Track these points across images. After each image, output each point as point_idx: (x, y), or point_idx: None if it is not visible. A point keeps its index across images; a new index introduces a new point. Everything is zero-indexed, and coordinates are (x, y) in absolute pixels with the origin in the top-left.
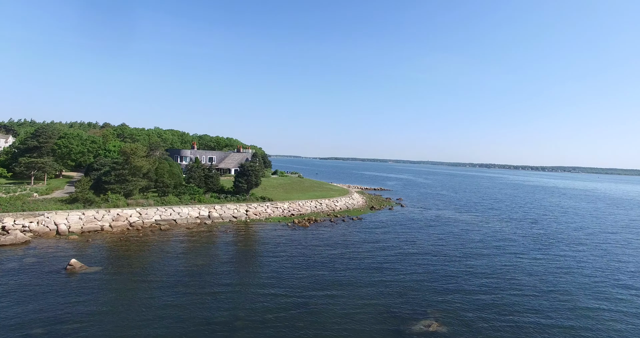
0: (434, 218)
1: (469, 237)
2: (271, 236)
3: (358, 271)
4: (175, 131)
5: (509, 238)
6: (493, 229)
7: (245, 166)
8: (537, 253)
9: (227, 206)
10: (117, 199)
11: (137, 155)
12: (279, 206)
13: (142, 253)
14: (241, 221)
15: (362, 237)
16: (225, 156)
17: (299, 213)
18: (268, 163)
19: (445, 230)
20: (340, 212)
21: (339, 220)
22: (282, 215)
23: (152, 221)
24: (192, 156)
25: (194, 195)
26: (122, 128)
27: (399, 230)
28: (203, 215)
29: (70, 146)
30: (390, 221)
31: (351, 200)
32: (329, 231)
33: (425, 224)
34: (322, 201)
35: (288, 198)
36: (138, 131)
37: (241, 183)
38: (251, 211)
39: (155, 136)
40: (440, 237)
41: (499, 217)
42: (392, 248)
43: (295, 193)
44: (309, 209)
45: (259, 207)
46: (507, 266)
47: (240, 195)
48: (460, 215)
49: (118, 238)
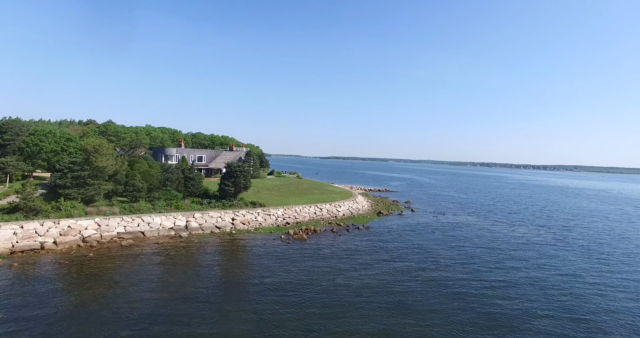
0: (452, 226)
1: (503, 252)
2: (259, 255)
3: (372, 312)
4: (167, 128)
5: (550, 253)
6: (525, 240)
7: (233, 167)
8: (593, 273)
9: (210, 213)
10: (71, 208)
11: (100, 153)
12: (272, 213)
13: (78, 285)
14: (225, 233)
15: (372, 255)
16: (216, 155)
17: (295, 222)
18: (265, 162)
19: (471, 241)
20: (344, 219)
21: (343, 230)
22: (276, 223)
23: (113, 235)
24: (179, 154)
25: (170, 201)
26: (106, 125)
27: (415, 243)
28: (179, 226)
29: (41, 144)
30: (403, 230)
31: (355, 204)
32: (330, 245)
33: (445, 234)
34: (323, 206)
35: (283, 203)
36: (125, 128)
37: (227, 186)
38: (238, 220)
39: (143, 133)
40: (469, 253)
41: (524, 223)
42: (413, 272)
43: (292, 197)
44: (307, 216)
45: (248, 214)
46: (567, 295)
47: (227, 200)
48: (480, 220)
49: (58, 261)
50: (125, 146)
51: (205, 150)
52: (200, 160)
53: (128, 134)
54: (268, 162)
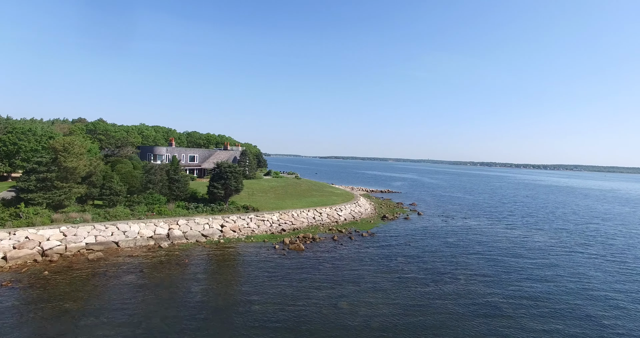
0: (465, 231)
1: (528, 261)
2: (248, 272)
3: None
4: (161, 127)
5: (580, 262)
6: (547, 246)
7: (222, 167)
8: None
9: (196, 220)
10: (34, 215)
11: (70, 153)
12: (266, 219)
13: (12, 316)
14: (212, 243)
15: (380, 269)
16: (209, 155)
17: (292, 228)
18: (263, 162)
19: (489, 249)
20: (346, 225)
21: (345, 237)
22: (270, 230)
23: (80, 246)
24: (169, 154)
25: (152, 206)
26: (95, 124)
27: (427, 252)
28: (160, 234)
29: (20, 143)
30: (412, 237)
31: (358, 208)
32: (331, 257)
33: (459, 240)
34: (323, 209)
35: (279, 207)
36: (116, 127)
37: (216, 189)
38: (228, 227)
39: (135, 132)
40: (490, 263)
41: (540, 227)
42: (431, 287)
43: (289, 200)
44: (305, 221)
45: (239, 220)
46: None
47: (216, 204)
48: (493, 224)
49: (2, 282)
50: (110, 145)
51: (198, 149)
52: (192, 160)
53: (119, 133)
54: (266, 162)
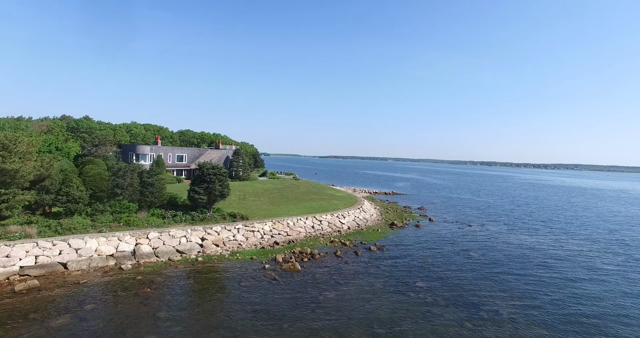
0: (488, 242)
1: (575, 281)
2: (227, 306)
3: None
4: (152, 125)
5: (633, 278)
6: (590, 259)
7: (205, 168)
8: None
9: (172, 232)
10: None
11: (11, 152)
12: (256, 229)
13: None
14: (188, 261)
15: (397, 300)
16: (200, 154)
17: (286, 240)
18: (260, 162)
19: (523, 267)
20: (350, 235)
21: (349, 252)
22: (260, 244)
23: (11, 271)
24: (154, 153)
25: (120, 214)
26: (78, 121)
27: (451, 272)
28: (123, 252)
29: None
30: (428, 250)
31: (362, 213)
32: (334, 282)
33: (484, 254)
34: (323, 216)
35: (273, 214)
36: (102, 125)
37: (197, 194)
38: (210, 240)
39: (123, 130)
40: (531, 288)
41: (570, 236)
42: (466, 328)
43: (284, 204)
44: (303, 231)
45: (224, 232)
46: None
47: (198, 212)
48: (516, 232)
49: None
50: (87, 143)
51: (187, 148)
52: (180, 160)
53: (104, 131)
54: (263, 162)
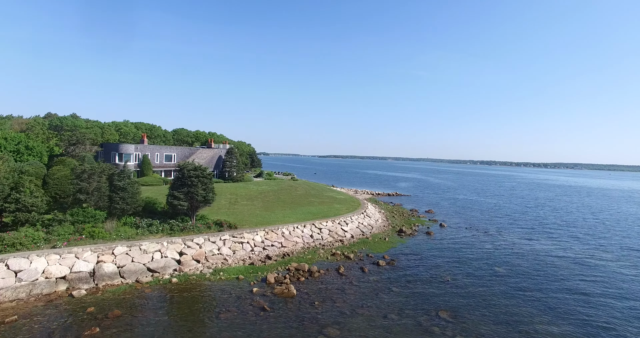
0: (511, 253)
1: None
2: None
3: None
4: (144, 124)
5: None
6: (632, 276)
7: (186, 170)
8: None
9: (144, 245)
10: None
11: None
12: (245, 240)
13: None
14: (160, 283)
15: (416, 329)
16: (190, 154)
17: (281, 253)
18: (257, 161)
19: (556, 286)
20: (354, 245)
21: (354, 268)
22: (249, 259)
23: None
24: (139, 153)
25: (83, 225)
26: (62, 119)
27: (476, 297)
28: (79, 272)
29: None
30: (444, 264)
31: (367, 219)
32: (337, 310)
33: (512, 269)
34: (323, 223)
35: (266, 221)
36: (90, 123)
37: (177, 200)
38: (189, 255)
39: (112, 129)
40: (575, 318)
41: (600, 244)
42: None
43: (280, 209)
44: (300, 242)
45: (208, 244)
46: None
47: (178, 221)
48: (538, 240)
49: None
50: (62, 142)
51: (176, 147)
52: (169, 160)
53: (91, 129)
54: (260, 161)
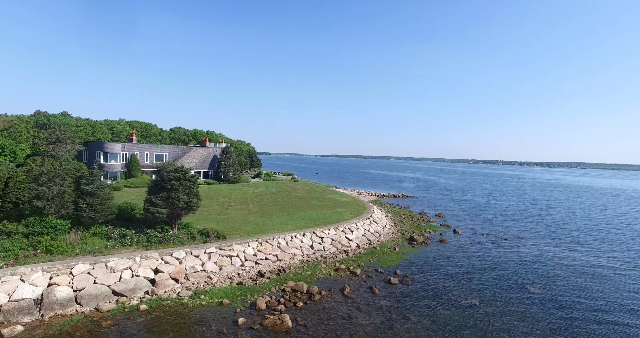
0: (541, 266)
1: None
2: None
3: None
4: (139, 122)
5: None
6: None
7: (165, 171)
8: None
9: (111, 261)
10: None
11: None
12: (235, 253)
13: None
14: (125, 311)
15: None
16: (183, 153)
17: (275, 269)
18: (256, 161)
19: (611, 309)
20: (360, 257)
21: (362, 287)
22: (238, 276)
23: None
24: (127, 152)
25: (40, 237)
26: (49, 117)
27: (510, 322)
28: (20, 301)
29: None
30: (465, 280)
31: (373, 225)
32: None
33: (548, 289)
34: (325, 232)
35: (261, 229)
36: (81, 121)
37: (155, 206)
38: (167, 273)
39: (104, 127)
40: None
41: (635, 252)
42: None
43: (277, 215)
44: (299, 254)
45: (190, 259)
46: None
47: (156, 231)
48: (564, 249)
49: None
50: (39, 140)
51: (168, 146)
52: (160, 159)
53: (82, 127)
54: (260, 161)
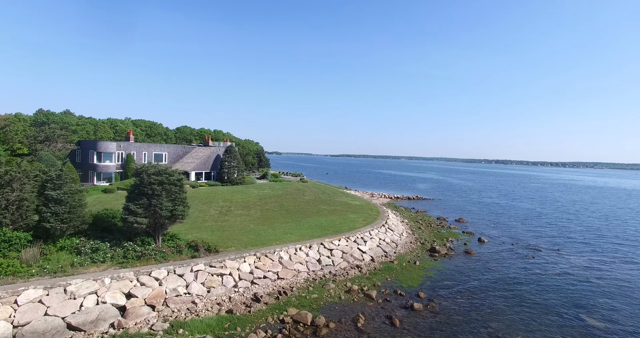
0: (596, 285)
1: None
2: None
3: None
4: (144, 121)
5: None
6: None
7: (145, 174)
8: None
9: (72, 285)
10: None
11: None
12: (227, 272)
13: None
14: None
15: None
16: (184, 153)
17: (275, 290)
18: (265, 161)
19: None
20: (375, 273)
21: (379, 315)
22: (229, 302)
23: None
24: (122, 151)
25: None
26: (48, 115)
27: None
28: None
29: None
30: (501, 303)
31: (389, 234)
32: None
33: (613, 320)
34: (335, 243)
35: (261, 239)
36: (83, 120)
37: (134, 216)
38: (141, 298)
39: (107, 126)
40: None
41: None
42: None
43: (281, 222)
44: (304, 271)
45: (172, 279)
46: None
47: (137, 243)
48: (615, 265)
49: None
50: (27, 139)
51: (168, 145)
52: (159, 159)
53: (82, 126)
54: (268, 161)
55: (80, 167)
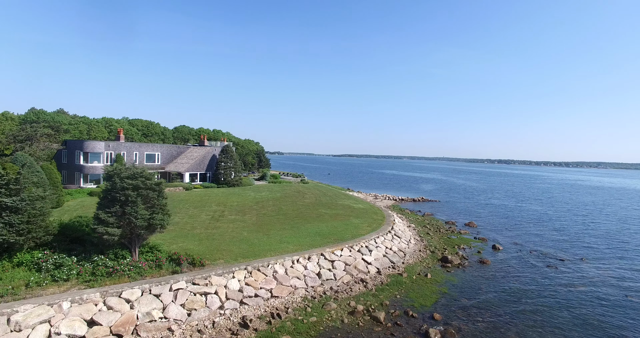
0: (629, 305)
1: None
2: None
3: None
4: (141, 120)
5: None
6: None
7: (118, 178)
8: None
9: (20, 312)
10: None
11: None
12: (212, 290)
13: None
14: None
15: None
16: (178, 153)
17: (267, 312)
18: (265, 161)
19: None
20: (383, 290)
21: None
22: (212, 330)
23: None
24: (111, 151)
25: None
26: (38, 113)
27: None
28: None
29: None
30: (525, 324)
31: (396, 241)
32: None
33: None
34: (337, 253)
35: (253, 251)
36: (76, 119)
37: (104, 226)
38: (105, 328)
39: (101, 125)
40: None
41: None
42: None
43: (278, 228)
44: (301, 287)
45: (146, 301)
46: None
47: (110, 256)
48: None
49: None
50: (6, 138)
51: (161, 145)
52: (152, 160)
53: (76, 125)
54: (269, 161)
55: (66, 168)
